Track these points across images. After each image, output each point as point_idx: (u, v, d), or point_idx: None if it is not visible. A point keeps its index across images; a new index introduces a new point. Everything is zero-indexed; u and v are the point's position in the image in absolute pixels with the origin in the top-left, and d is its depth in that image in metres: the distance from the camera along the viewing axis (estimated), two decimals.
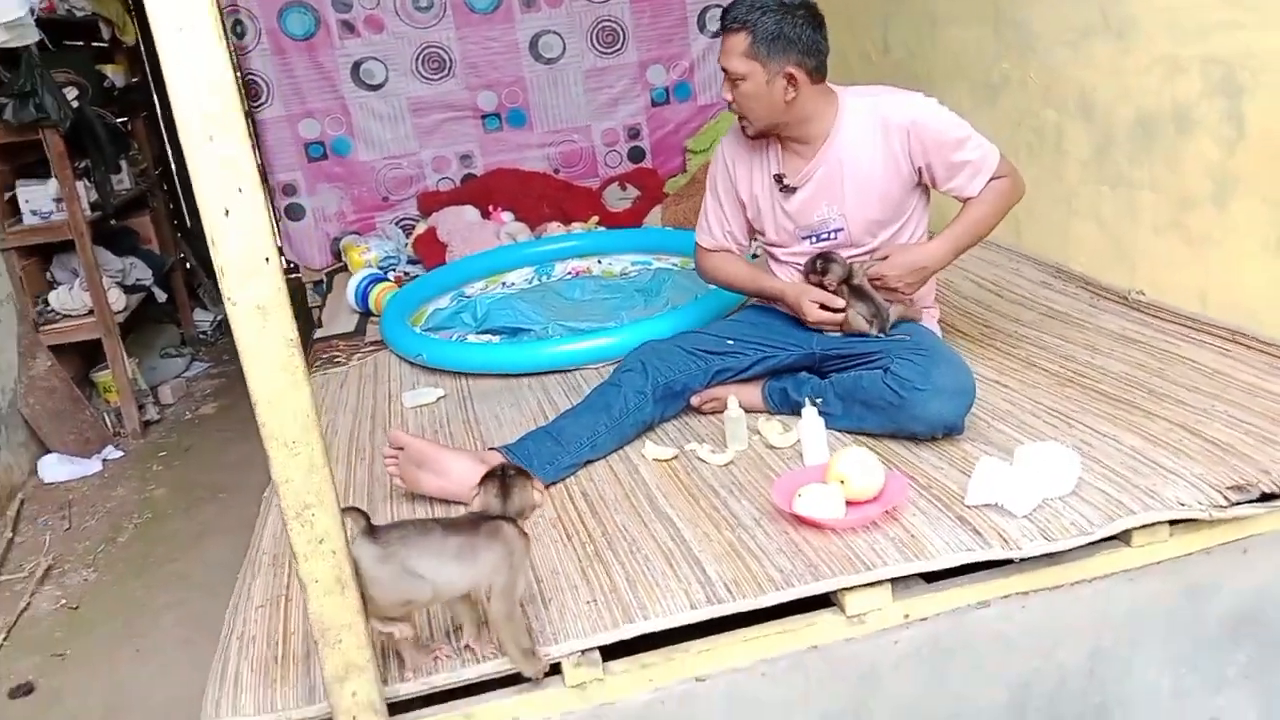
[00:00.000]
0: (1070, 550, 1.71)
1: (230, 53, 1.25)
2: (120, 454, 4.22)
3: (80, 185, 4.24)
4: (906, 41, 3.59)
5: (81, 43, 5.12)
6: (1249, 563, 1.80)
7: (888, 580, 1.67)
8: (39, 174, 4.24)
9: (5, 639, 2.90)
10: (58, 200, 4.18)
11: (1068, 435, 2.04)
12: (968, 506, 1.81)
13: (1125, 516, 1.73)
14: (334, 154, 4.57)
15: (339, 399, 2.91)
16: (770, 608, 1.67)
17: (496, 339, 3.07)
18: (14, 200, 4.23)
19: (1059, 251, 3.01)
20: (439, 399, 2.76)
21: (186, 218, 6.94)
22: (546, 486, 2.08)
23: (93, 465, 4.10)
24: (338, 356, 3.32)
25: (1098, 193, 2.80)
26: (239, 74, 4.63)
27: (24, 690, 2.64)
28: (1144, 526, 1.73)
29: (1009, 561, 1.70)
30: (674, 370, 2.30)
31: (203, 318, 6.04)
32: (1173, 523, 1.75)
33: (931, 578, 1.72)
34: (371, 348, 3.35)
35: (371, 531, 1.45)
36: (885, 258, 2.26)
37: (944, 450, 2.05)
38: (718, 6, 4.66)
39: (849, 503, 1.83)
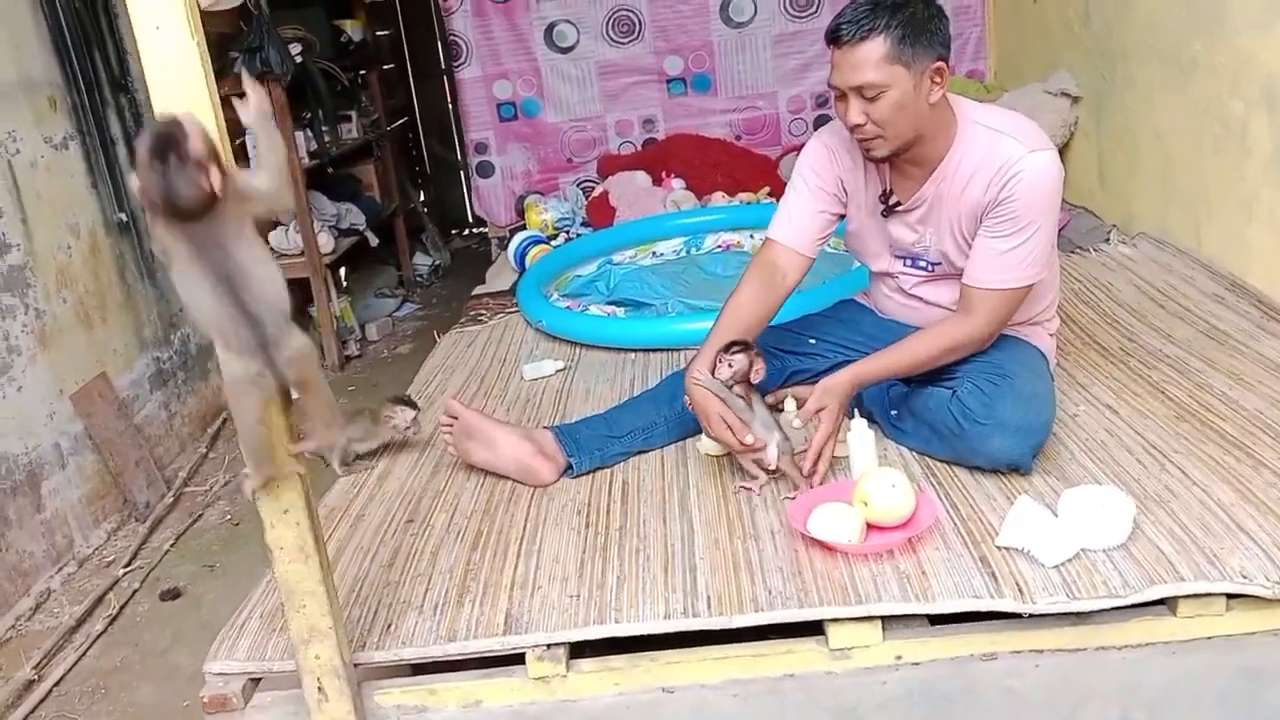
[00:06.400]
0: (1097, 612, 1.54)
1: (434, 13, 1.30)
2: None
3: (300, 135, 4.61)
4: (1105, 12, 3.24)
5: None
6: None
7: (879, 617, 1.57)
8: None
9: (172, 545, 3.27)
10: None
11: (1154, 479, 1.82)
12: (997, 548, 1.66)
13: (1169, 583, 1.53)
14: (524, 114, 4.71)
15: (463, 358, 3.03)
16: (762, 626, 1.61)
17: (620, 311, 3.08)
18: (242, 146, 4.66)
19: (1238, 261, 2.64)
20: (557, 372, 2.76)
21: (427, 165, 7.41)
22: (589, 472, 2.09)
23: None
24: (482, 314, 3.46)
25: (1276, 198, 2.43)
26: (444, 35, 4.86)
27: (172, 594, 2.96)
28: (1192, 596, 1.53)
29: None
30: None
31: (422, 261, 6.43)
32: (1231, 596, 1.54)
33: (938, 619, 1.60)
34: (514, 309, 3.45)
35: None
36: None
37: (1007, 482, 1.88)
38: None
39: (871, 527, 1.73)
